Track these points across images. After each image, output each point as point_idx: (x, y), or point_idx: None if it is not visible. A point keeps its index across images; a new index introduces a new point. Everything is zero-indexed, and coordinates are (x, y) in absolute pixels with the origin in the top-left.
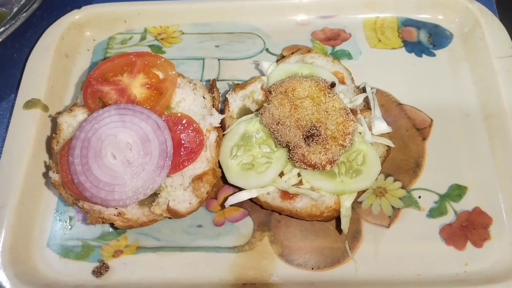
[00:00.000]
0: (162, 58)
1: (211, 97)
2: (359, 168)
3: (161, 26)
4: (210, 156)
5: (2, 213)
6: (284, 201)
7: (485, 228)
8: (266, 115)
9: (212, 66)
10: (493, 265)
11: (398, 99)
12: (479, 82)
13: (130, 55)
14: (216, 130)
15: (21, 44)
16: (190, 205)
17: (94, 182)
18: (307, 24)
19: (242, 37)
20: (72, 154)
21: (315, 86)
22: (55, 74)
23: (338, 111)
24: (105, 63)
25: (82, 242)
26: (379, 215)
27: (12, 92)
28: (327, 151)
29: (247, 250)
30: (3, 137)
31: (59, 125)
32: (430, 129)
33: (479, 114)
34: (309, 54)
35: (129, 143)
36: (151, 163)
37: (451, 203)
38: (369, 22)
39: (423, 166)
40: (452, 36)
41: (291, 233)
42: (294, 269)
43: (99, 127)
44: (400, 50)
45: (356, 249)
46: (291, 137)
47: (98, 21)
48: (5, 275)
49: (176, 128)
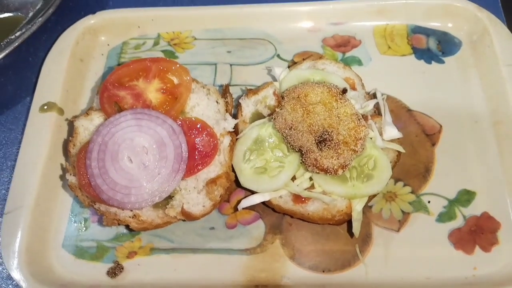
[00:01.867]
0: (177, 64)
1: (224, 102)
2: (370, 173)
3: (174, 32)
4: (224, 160)
5: (18, 214)
6: (296, 204)
7: (493, 233)
8: (279, 120)
9: (224, 71)
10: (501, 269)
11: (408, 105)
12: (487, 89)
13: (145, 60)
14: (230, 134)
15: (36, 48)
16: (204, 208)
17: (110, 185)
18: (317, 30)
19: (254, 43)
20: (89, 157)
21: (327, 92)
22: (70, 78)
23: (350, 117)
24: (121, 68)
25: (97, 243)
26: (389, 219)
27: (28, 95)
28: (339, 156)
29: (258, 252)
30: (19, 139)
31: (76, 128)
32: (440, 135)
33: (487, 120)
34: (320, 60)
35: (145, 147)
36: (167, 167)
37: (460, 208)
38: (379, 29)
39: (432, 171)
40: (461, 44)
41: (302, 236)
42: (305, 272)
43: (115, 131)
44: (410, 57)
45: (367, 252)
46: (304, 141)
47: (112, 26)
48: (22, 274)
49: (190, 132)
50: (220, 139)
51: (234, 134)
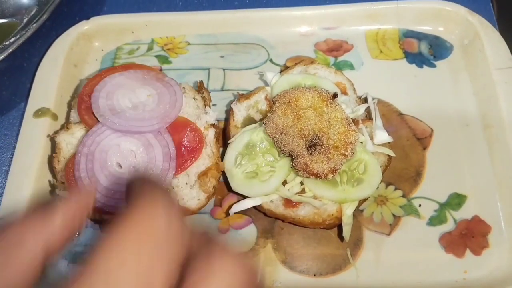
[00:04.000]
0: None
1: (202, 97)
2: (361, 177)
3: (168, 37)
4: (211, 152)
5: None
6: (287, 209)
7: (484, 236)
8: (270, 124)
9: (217, 76)
10: (491, 272)
11: (399, 109)
12: (478, 93)
13: (116, 68)
14: (214, 126)
15: (30, 54)
16: (199, 201)
17: (103, 192)
18: (310, 35)
19: (247, 48)
20: (77, 169)
21: (317, 97)
22: (64, 84)
23: (340, 121)
24: (93, 79)
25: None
26: (380, 223)
27: (22, 101)
28: (329, 160)
29: (250, 256)
30: (13, 145)
31: (58, 144)
32: (431, 138)
33: (478, 124)
34: (312, 65)
35: (133, 150)
36: (157, 167)
37: (450, 212)
38: (371, 34)
39: (423, 175)
40: (452, 48)
41: (294, 240)
42: (297, 276)
43: (100, 139)
44: (401, 61)
45: (358, 256)
46: (294, 146)
47: (106, 32)
48: None
49: (174, 130)
50: (205, 133)
51: (218, 126)
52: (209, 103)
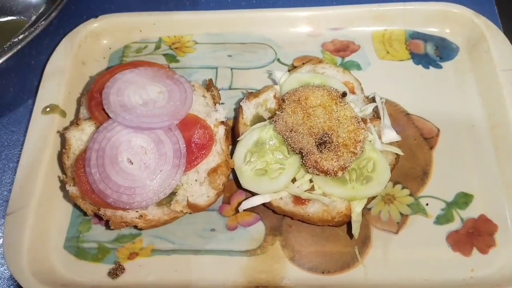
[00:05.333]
0: (157, 65)
1: (211, 95)
2: (370, 175)
3: (175, 36)
4: (221, 149)
5: (20, 215)
6: (296, 206)
7: (491, 235)
8: (280, 122)
9: (225, 75)
10: (498, 271)
11: (406, 109)
12: (484, 94)
13: (126, 65)
14: (223, 124)
15: (38, 51)
16: (208, 198)
17: (114, 188)
18: (317, 35)
19: (254, 47)
20: (88, 164)
21: (327, 95)
22: (72, 81)
23: (349, 120)
24: (103, 76)
25: (98, 244)
26: (387, 221)
27: (30, 98)
28: (339, 158)
29: (259, 254)
30: (21, 141)
31: (68, 140)
32: (437, 138)
33: (484, 124)
34: (320, 65)
35: (143, 146)
36: (167, 164)
37: (457, 211)
38: (377, 35)
39: (430, 174)
40: (458, 49)
41: (302, 237)
42: (305, 273)
43: (111, 135)
44: (408, 62)
45: (366, 254)
46: (304, 144)
47: (114, 30)
48: (23, 275)
49: (184, 127)
50: (215, 130)
51: (228, 124)
52: (219, 101)
